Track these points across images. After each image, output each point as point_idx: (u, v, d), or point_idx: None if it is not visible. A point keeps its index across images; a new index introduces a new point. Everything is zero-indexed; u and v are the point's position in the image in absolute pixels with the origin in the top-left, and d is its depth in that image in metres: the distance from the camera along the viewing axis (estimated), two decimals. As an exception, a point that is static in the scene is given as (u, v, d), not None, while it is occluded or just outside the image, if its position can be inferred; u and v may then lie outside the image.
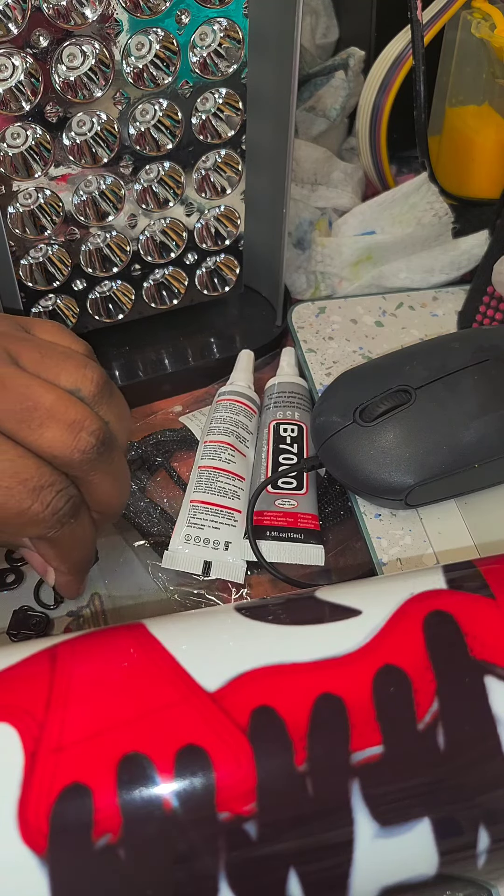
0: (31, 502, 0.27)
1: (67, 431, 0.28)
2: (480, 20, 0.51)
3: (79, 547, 0.31)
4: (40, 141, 0.37)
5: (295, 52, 0.38)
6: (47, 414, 0.27)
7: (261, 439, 0.41)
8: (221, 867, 0.21)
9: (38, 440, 0.27)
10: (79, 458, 0.28)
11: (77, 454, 0.28)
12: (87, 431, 0.28)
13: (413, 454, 0.36)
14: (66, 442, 0.28)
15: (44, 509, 0.28)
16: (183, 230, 0.44)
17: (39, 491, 0.27)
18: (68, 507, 0.28)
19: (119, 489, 0.31)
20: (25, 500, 0.27)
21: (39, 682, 0.23)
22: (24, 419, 0.27)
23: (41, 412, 0.27)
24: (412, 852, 0.22)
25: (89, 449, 0.28)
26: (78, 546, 0.30)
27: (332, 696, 0.23)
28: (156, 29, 0.36)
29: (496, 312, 0.47)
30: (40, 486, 0.27)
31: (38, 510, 0.28)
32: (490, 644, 0.24)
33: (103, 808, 0.21)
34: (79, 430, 0.28)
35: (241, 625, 0.25)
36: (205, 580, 0.37)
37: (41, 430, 0.27)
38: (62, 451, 0.28)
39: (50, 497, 0.28)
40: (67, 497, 0.28)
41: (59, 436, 0.27)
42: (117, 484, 0.31)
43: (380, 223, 0.51)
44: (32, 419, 0.27)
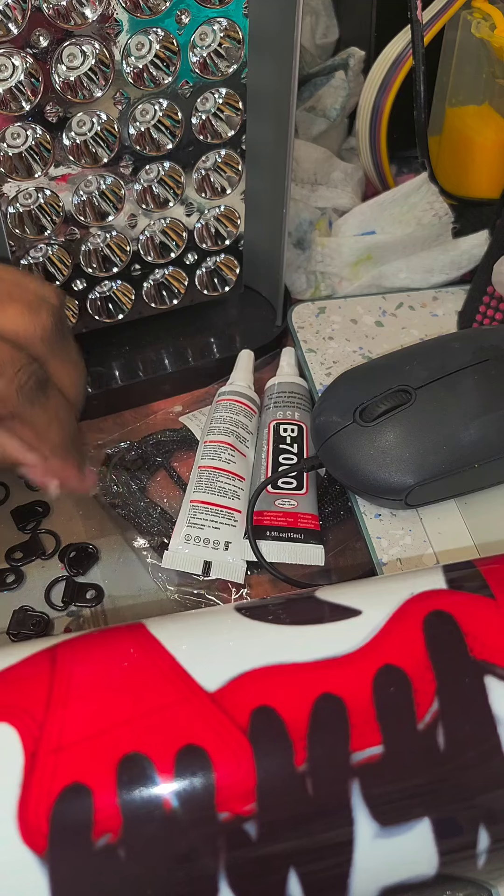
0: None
1: (28, 309, 0.29)
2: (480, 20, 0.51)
3: (55, 424, 0.31)
4: (40, 141, 0.37)
5: (295, 52, 0.38)
6: (6, 296, 0.29)
7: (261, 439, 0.41)
8: (221, 867, 0.21)
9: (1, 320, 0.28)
10: (41, 334, 0.29)
11: (38, 330, 0.29)
12: (46, 310, 0.29)
13: (413, 454, 0.36)
14: (26, 318, 0.29)
15: (9, 384, 0.28)
16: (183, 230, 0.44)
17: (3, 367, 0.28)
18: (33, 381, 0.29)
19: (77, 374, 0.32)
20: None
21: (39, 682, 0.23)
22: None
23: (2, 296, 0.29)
24: (412, 852, 0.22)
25: (49, 325, 0.29)
26: (54, 423, 0.31)
27: (332, 696, 0.23)
28: (156, 29, 0.36)
29: (496, 312, 0.47)
30: (2, 362, 0.28)
31: (4, 388, 0.28)
32: (490, 644, 0.24)
33: (103, 808, 0.21)
34: (38, 309, 0.29)
35: (241, 625, 0.25)
36: (205, 580, 0.37)
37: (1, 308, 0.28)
38: (24, 329, 0.29)
39: (13, 371, 0.28)
40: (30, 372, 0.29)
41: (20, 314, 0.29)
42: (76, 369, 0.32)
43: (380, 223, 0.51)
44: None
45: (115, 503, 0.40)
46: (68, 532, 0.40)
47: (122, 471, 0.41)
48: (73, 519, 0.40)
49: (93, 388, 0.45)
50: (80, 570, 0.38)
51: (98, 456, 0.42)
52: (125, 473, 0.41)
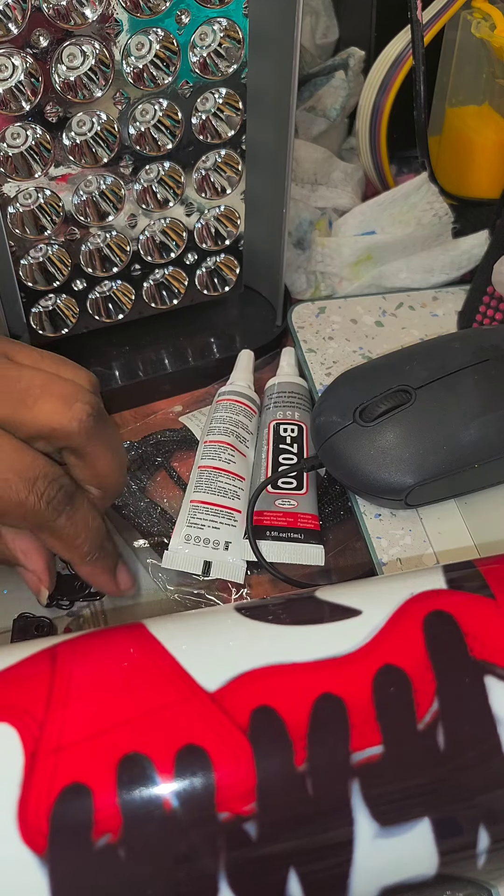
0: (26, 493, 0.28)
1: (63, 403, 0.29)
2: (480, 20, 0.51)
3: (82, 534, 0.31)
4: (40, 141, 0.37)
5: (295, 52, 0.38)
6: (41, 391, 0.29)
7: (261, 439, 0.41)
8: (221, 867, 0.21)
9: (36, 416, 0.28)
10: (77, 427, 0.29)
11: (75, 423, 0.29)
12: (82, 402, 0.29)
13: (413, 454, 0.36)
14: (62, 412, 0.29)
15: (39, 499, 0.29)
16: (183, 230, 0.44)
17: (34, 481, 0.28)
18: (61, 494, 0.29)
19: (118, 461, 0.32)
20: (21, 490, 0.28)
21: (39, 682, 0.23)
22: (19, 400, 0.28)
23: (35, 390, 0.29)
24: (412, 852, 0.22)
25: (86, 417, 0.29)
26: (81, 533, 0.31)
27: (332, 696, 0.23)
28: (156, 29, 0.36)
29: (496, 312, 0.47)
30: (34, 476, 0.28)
31: (34, 501, 0.29)
32: (490, 644, 0.24)
33: (103, 808, 0.21)
34: (73, 401, 0.29)
35: (241, 625, 0.25)
36: (205, 580, 0.37)
37: (37, 406, 0.28)
38: (60, 422, 0.29)
39: (44, 487, 0.29)
40: (59, 486, 0.29)
41: (56, 408, 0.29)
42: (115, 456, 0.32)
43: (380, 223, 0.51)
44: (27, 398, 0.28)
45: (115, 503, 0.40)
46: (68, 532, 0.40)
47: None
48: (73, 519, 0.40)
49: (93, 388, 0.45)
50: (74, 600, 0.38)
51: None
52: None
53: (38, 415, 0.28)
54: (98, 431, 0.30)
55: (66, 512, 0.30)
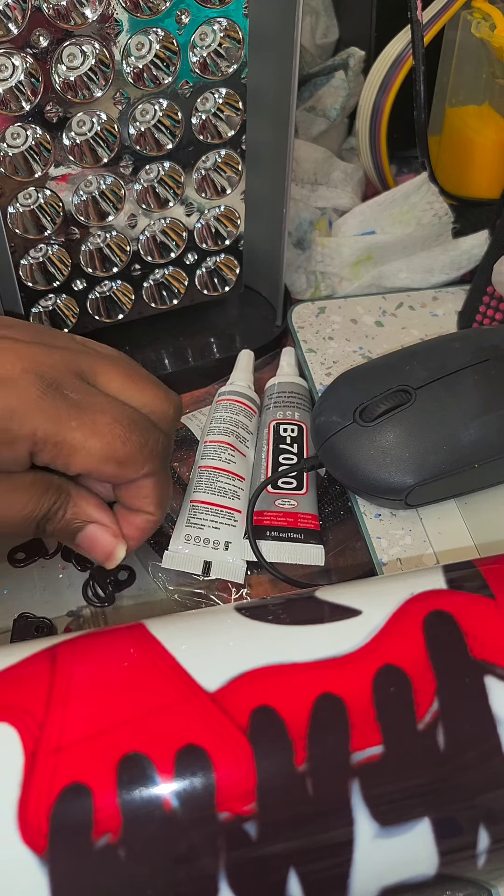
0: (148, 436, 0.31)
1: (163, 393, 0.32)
2: (480, 20, 0.51)
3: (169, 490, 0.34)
4: (40, 141, 0.37)
5: (295, 52, 0.38)
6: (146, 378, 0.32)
7: (261, 439, 0.41)
8: (221, 867, 0.21)
9: (142, 394, 0.32)
10: (172, 413, 0.32)
11: (171, 411, 0.32)
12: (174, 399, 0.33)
13: (413, 454, 0.36)
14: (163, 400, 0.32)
15: (157, 443, 0.31)
16: (183, 230, 0.44)
17: (148, 428, 0.31)
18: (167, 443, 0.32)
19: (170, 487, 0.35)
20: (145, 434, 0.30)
21: (39, 682, 0.23)
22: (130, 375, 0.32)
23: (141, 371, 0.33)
24: (412, 852, 0.22)
25: (175, 416, 0.33)
26: (169, 488, 0.34)
27: (332, 696, 0.23)
28: (156, 29, 0.36)
29: (496, 312, 0.47)
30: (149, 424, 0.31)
31: (153, 443, 0.31)
32: (490, 644, 0.24)
33: (103, 808, 0.21)
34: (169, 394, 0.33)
35: (241, 625, 0.25)
36: (205, 580, 0.37)
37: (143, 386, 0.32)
38: (161, 407, 0.32)
39: (157, 433, 0.31)
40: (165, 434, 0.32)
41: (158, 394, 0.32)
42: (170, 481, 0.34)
43: (380, 223, 0.51)
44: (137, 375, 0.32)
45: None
46: (68, 532, 0.40)
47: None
48: (73, 519, 0.40)
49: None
50: (88, 564, 0.38)
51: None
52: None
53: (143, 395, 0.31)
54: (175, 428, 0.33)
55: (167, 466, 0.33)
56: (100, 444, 0.29)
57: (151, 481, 0.32)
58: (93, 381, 0.31)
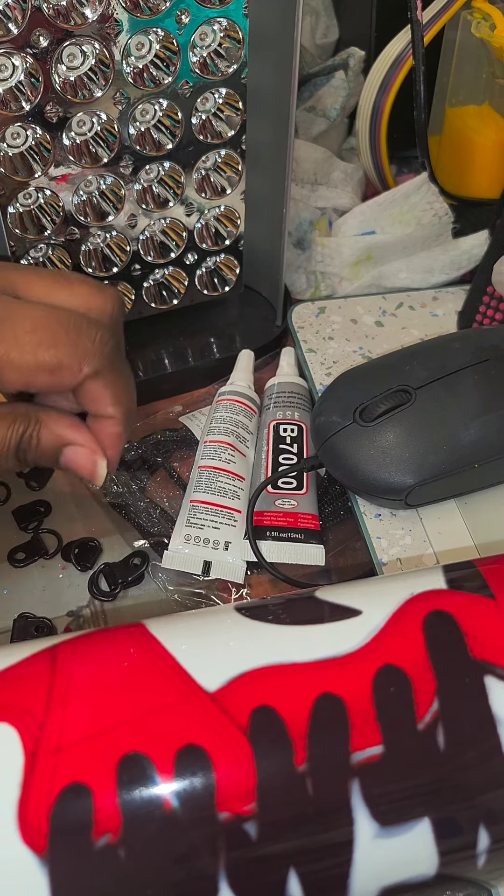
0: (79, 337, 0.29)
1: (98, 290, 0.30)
2: (480, 20, 0.51)
3: (129, 388, 0.32)
4: (40, 141, 0.37)
5: (295, 52, 0.38)
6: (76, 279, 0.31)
7: (261, 439, 0.41)
8: (221, 867, 0.21)
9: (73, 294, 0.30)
10: (111, 309, 0.30)
11: (109, 305, 0.30)
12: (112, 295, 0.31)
13: (413, 454, 0.36)
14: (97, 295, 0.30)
15: (92, 342, 0.29)
16: (183, 230, 0.44)
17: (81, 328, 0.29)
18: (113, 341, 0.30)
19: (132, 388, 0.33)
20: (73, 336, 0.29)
21: (39, 682, 0.23)
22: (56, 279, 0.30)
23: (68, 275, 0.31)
24: (412, 852, 0.22)
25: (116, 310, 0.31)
26: (128, 387, 0.32)
27: (332, 696, 0.23)
28: (156, 29, 0.36)
29: (496, 312, 0.47)
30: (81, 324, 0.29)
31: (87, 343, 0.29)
32: (490, 644, 0.24)
33: (103, 808, 0.21)
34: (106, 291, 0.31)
35: (241, 625, 0.25)
36: (205, 580, 0.37)
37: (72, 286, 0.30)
38: (97, 306, 0.30)
39: (94, 331, 0.29)
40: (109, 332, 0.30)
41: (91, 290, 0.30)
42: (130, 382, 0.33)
43: (380, 223, 0.51)
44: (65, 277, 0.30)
45: (115, 503, 0.40)
46: (69, 532, 0.40)
47: (122, 471, 0.41)
48: (74, 519, 0.40)
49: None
50: (87, 565, 0.38)
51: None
52: (125, 473, 0.41)
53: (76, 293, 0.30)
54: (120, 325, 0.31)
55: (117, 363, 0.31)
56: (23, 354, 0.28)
57: (99, 382, 0.30)
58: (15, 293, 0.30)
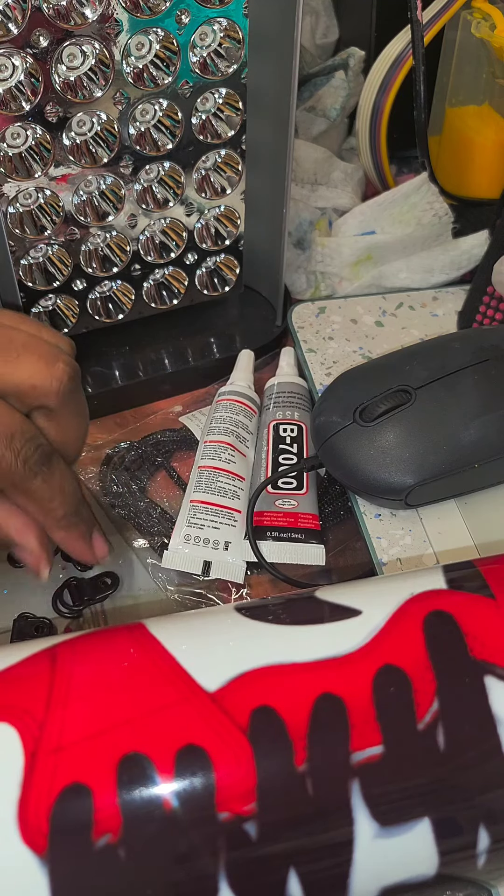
0: (3, 449, 0.28)
1: (44, 362, 0.29)
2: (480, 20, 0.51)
3: (58, 497, 0.31)
4: (40, 141, 0.37)
5: (295, 52, 0.38)
6: (23, 348, 0.28)
7: (261, 439, 0.41)
8: (221, 867, 0.21)
9: (16, 371, 0.28)
10: (56, 387, 0.29)
11: (55, 382, 0.29)
12: (63, 362, 0.29)
13: (413, 454, 0.36)
14: (43, 371, 0.28)
15: (15, 459, 0.28)
16: (183, 230, 0.44)
17: (10, 439, 0.28)
18: (38, 454, 0.29)
19: (84, 428, 0.32)
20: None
21: (39, 682, 0.23)
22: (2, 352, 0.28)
23: (17, 346, 0.28)
24: (412, 852, 0.22)
25: (66, 378, 0.29)
26: (57, 496, 0.30)
27: (332, 696, 0.23)
28: (156, 29, 0.36)
29: (496, 312, 0.47)
30: (11, 433, 0.28)
31: (10, 459, 0.28)
32: (490, 644, 0.24)
33: (103, 808, 0.21)
34: (55, 360, 0.29)
35: (241, 625, 0.25)
36: (205, 580, 0.37)
37: (18, 361, 0.28)
38: (41, 380, 0.28)
39: (21, 444, 0.28)
40: (36, 445, 0.29)
41: (37, 366, 0.28)
42: (83, 422, 0.32)
43: (380, 223, 0.51)
44: (9, 351, 0.28)
45: (115, 503, 0.40)
46: (68, 532, 0.40)
47: (122, 471, 0.41)
48: (73, 519, 0.40)
49: (93, 388, 0.45)
50: (87, 566, 0.38)
51: (98, 456, 0.42)
52: (125, 473, 0.41)
53: (19, 371, 0.28)
54: (73, 395, 0.30)
55: (43, 473, 0.29)
56: None
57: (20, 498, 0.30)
58: None
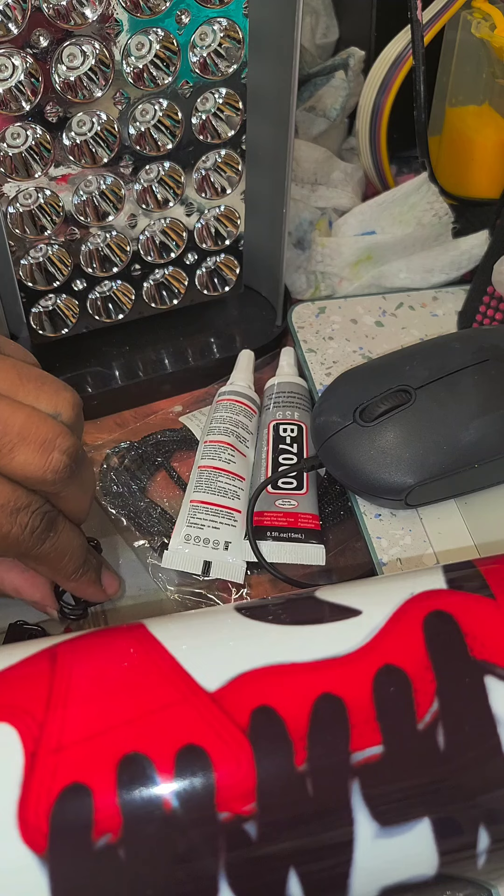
0: (9, 526, 0.28)
1: (39, 453, 0.27)
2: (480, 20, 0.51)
3: (67, 555, 0.31)
4: (40, 141, 0.37)
5: (295, 52, 0.38)
6: (18, 437, 0.27)
7: (261, 439, 0.41)
8: (221, 867, 0.21)
9: (10, 464, 0.27)
10: (51, 479, 0.28)
11: (49, 474, 0.28)
12: (60, 450, 0.28)
13: (413, 454, 0.36)
14: (38, 464, 0.27)
15: (22, 531, 0.28)
16: (183, 230, 0.44)
17: (16, 514, 0.28)
18: (44, 524, 0.29)
19: (88, 499, 0.32)
20: (4, 524, 0.28)
21: (39, 682, 0.23)
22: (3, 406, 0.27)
23: (11, 436, 0.27)
24: (412, 852, 0.22)
25: (62, 469, 0.28)
26: (65, 555, 0.31)
27: (332, 696, 0.23)
28: (156, 29, 0.36)
29: (496, 312, 0.47)
30: (16, 508, 0.28)
31: (18, 532, 0.28)
32: (490, 644, 0.24)
33: (103, 808, 0.21)
34: (51, 450, 0.28)
35: (241, 625, 0.25)
36: (205, 580, 0.37)
37: (12, 454, 0.27)
38: (34, 473, 0.28)
39: (26, 518, 0.28)
40: (42, 514, 0.29)
41: (31, 458, 0.27)
42: (87, 495, 0.31)
43: (380, 223, 0.51)
44: (3, 444, 0.27)
45: (115, 503, 0.40)
46: (68, 532, 0.40)
47: (122, 471, 0.41)
48: (73, 519, 0.40)
49: (93, 388, 0.45)
50: None
51: (98, 456, 0.42)
52: (125, 473, 0.41)
53: (13, 464, 0.27)
54: (73, 477, 0.29)
55: (50, 539, 0.30)
56: None
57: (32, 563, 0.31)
58: None
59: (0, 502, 0.27)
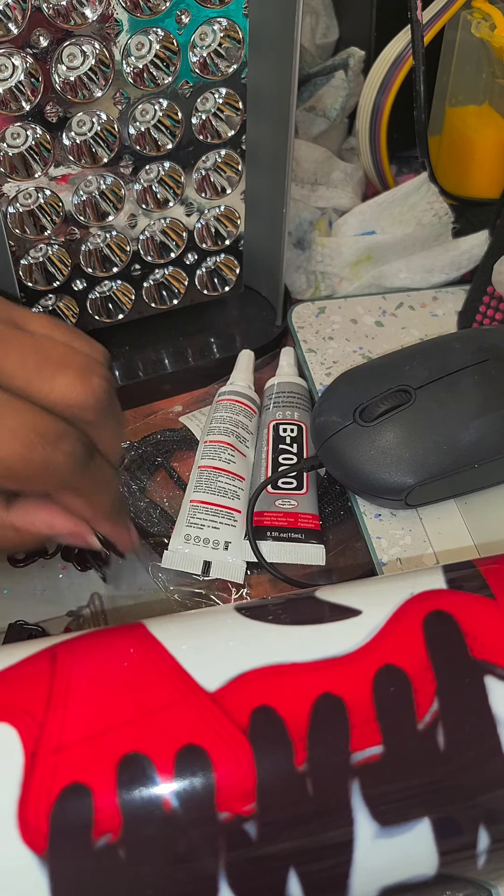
0: (53, 454, 0.28)
1: (80, 377, 0.29)
2: (480, 20, 0.51)
3: (103, 489, 0.31)
4: (40, 141, 0.37)
5: (295, 52, 0.38)
6: (59, 363, 0.28)
7: (261, 439, 0.41)
8: (221, 867, 0.21)
9: (53, 389, 0.28)
10: (93, 402, 0.29)
11: (91, 398, 0.29)
12: (98, 375, 0.29)
13: (413, 454, 0.36)
14: (80, 387, 0.29)
15: (66, 459, 0.28)
16: (183, 230, 0.44)
17: (58, 441, 0.28)
18: (83, 450, 0.29)
19: (120, 434, 0.32)
20: (48, 451, 0.28)
21: (39, 682, 0.23)
22: (36, 370, 0.28)
23: (51, 363, 0.28)
24: (412, 852, 0.22)
25: (102, 393, 0.29)
26: (102, 488, 0.31)
27: (332, 696, 0.23)
28: (156, 29, 0.36)
29: (496, 312, 0.47)
30: (57, 435, 0.28)
31: (61, 461, 0.28)
32: (490, 644, 0.24)
33: (103, 808, 0.21)
34: (90, 374, 0.29)
35: (241, 625, 0.25)
36: (205, 580, 0.37)
37: (54, 378, 0.28)
38: (77, 398, 0.29)
39: (69, 446, 0.28)
40: (81, 442, 0.29)
41: (73, 382, 0.28)
42: (120, 429, 0.32)
43: (380, 223, 0.51)
44: (45, 369, 0.28)
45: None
46: (68, 532, 0.40)
47: (122, 471, 0.41)
48: (73, 519, 0.40)
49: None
50: (87, 565, 0.38)
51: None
52: (125, 473, 0.41)
53: (56, 388, 0.28)
54: (109, 407, 0.30)
55: (90, 469, 0.30)
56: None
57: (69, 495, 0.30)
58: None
59: (41, 431, 0.28)
